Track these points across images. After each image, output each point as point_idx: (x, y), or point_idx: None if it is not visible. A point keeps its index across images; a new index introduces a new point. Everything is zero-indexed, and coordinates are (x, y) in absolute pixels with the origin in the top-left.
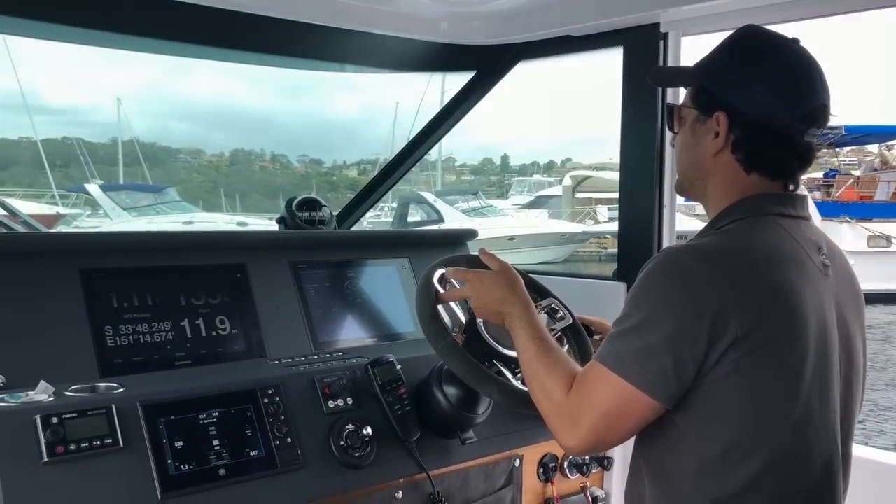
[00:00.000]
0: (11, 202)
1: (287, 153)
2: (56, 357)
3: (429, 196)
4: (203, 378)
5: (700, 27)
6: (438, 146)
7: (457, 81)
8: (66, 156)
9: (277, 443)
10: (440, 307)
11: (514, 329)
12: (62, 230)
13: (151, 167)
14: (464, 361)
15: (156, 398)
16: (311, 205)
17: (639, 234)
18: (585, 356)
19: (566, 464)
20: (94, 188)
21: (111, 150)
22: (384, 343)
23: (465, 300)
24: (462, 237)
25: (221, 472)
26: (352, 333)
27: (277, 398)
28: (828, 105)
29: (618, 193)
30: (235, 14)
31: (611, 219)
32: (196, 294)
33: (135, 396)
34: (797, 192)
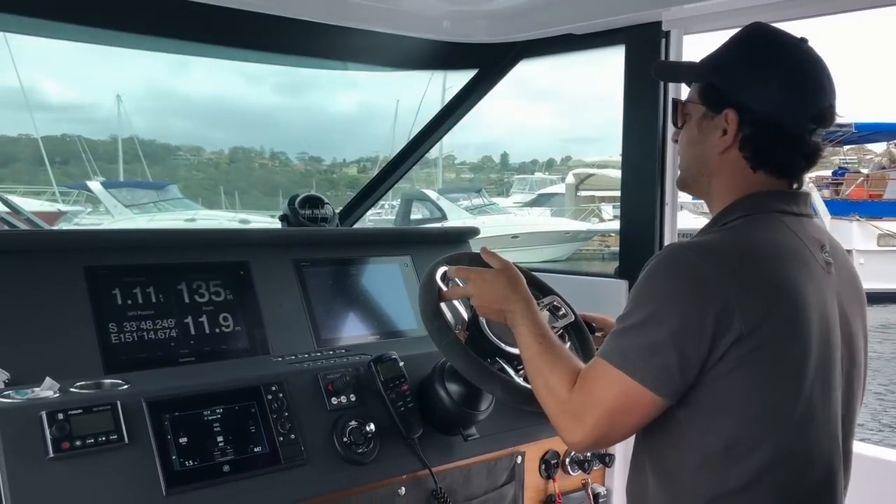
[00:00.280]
0: (13, 199)
1: (286, 151)
2: (61, 354)
3: (431, 194)
4: (207, 375)
5: (702, 25)
6: (439, 144)
7: (458, 79)
8: (66, 153)
9: (281, 439)
10: (443, 305)
11: (517, 326)
12: (67, 227)
13: (151, 165)
14: (466, 358)
15: (160, 395)
16: (314, 202)
17: (640, 232)
18: (588, 353)
19: (568, 460)
20: (96, 185)
21: (110, 148)
22: (387, 340)
23: (467, 298)
24: (464, 235)
25: (225, 469)
26: (354, 331)
27: (281, 395)
28: (834, 105)
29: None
30: (237, 12)
31: (615, 217)
32: (200, 291)
33: (139, 393)
34: (800, 190)
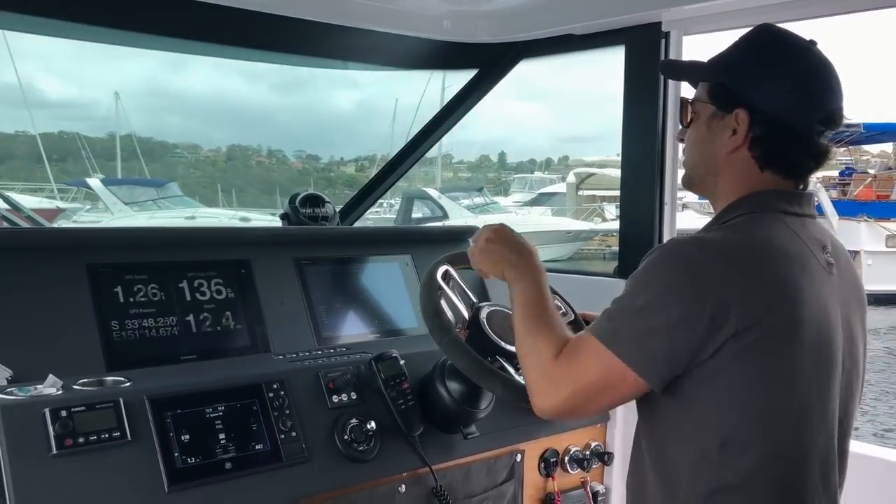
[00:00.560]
0: (13, 196)
1: (284, 149)
2: (63, 351)
3: (433, 192)
4: (208, 372)
5: (702, 26)
6: (438, 143)
7: (457, 78)
8: (63, 150)
9: (282, 437)
10: (443, 303)
11: (520, 281)
12: (67, 224)
13: (148, 162)
14: (467, 357)
15: (162, 392)
16: (315, 201)
17: (640, 232)
18: None
19: (567, 459)
20: (96, 182)
21: (108, 145)
22: (387, 339)
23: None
24: (464, 234)
25: (227, 466)
26: (355, 329)
27: (282, 392)
28: (842, 108)
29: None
30: (238, 11)
31: (618, 216)
32: (201, 289)
33: (142, 390)
34: (805, 191)
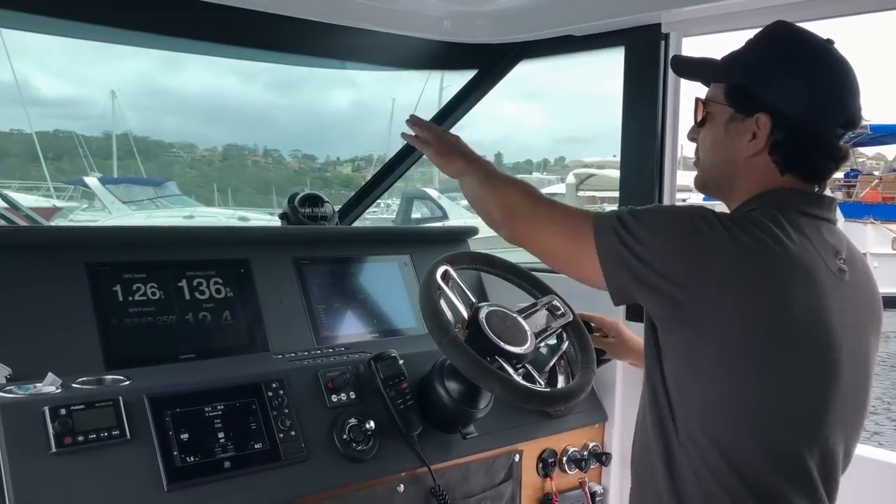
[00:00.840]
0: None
1: (280, 148)
2: (62, 349)
3: (432, 192)
4: (207, 371)
5: (701, 28)
6: None
7: (455, 78)
8: (58, 149)
9: (281, 436)
10: (443, 303)
11: (477, 160)
12: (65, 223)
13: (144, 161)
14: (466, 356)
15: (162, 391)
16: (314, 201)
17: None
18: (586, 352)
19: (565, 459)
20: (94, 181)
21: (104, 144)
22: (386, 338)
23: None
24: (463, 234)
25: (227, 465)
26: (354, 329)
27: (281, 392)
28: (861, 108)
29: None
30: (236, 10)
31: None
32: (200, 288)
33: (141, 389)
34: (825, 194)
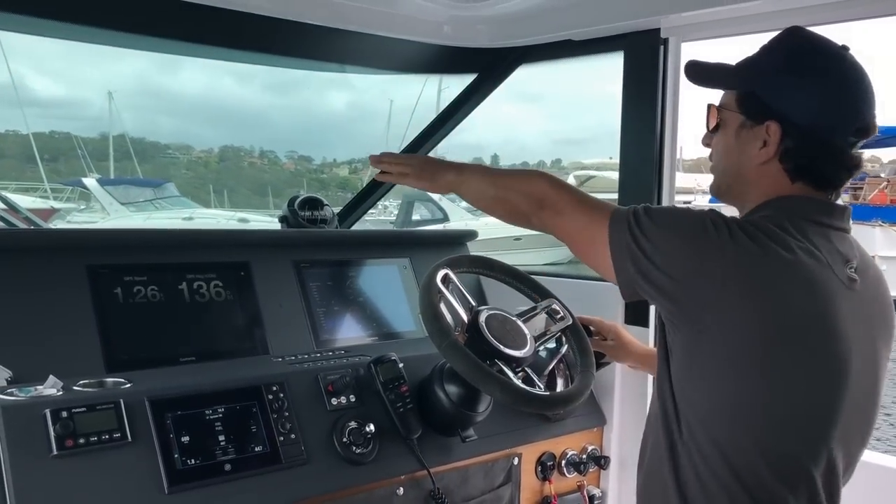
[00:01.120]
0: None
1: (276, 150)
2: (62, 352)
3: (434, 194)
4: (208, 374)
5: (700, 33)
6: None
7: (454, 80)
8: (54, 150)
9: (282, 439)
10: (442, 307)
11: (468, 167)
12: (62, 224)
13: (140, 163)
14: (466, 360)
15: (163, 394)
16: (314, 204)
17: None
18: (585, 356)
19: (563, 463)
20: (92, 182)
21: (100, 145)
22: (385, 342)
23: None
24: (462, 238)
25: (227, 467)
26: (353, 332)
27: (282, 395)
28: (875, 115)
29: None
30: (235, 13)
31: None
32: (201, 291)
33: (142, 392)
34: (837, 203)
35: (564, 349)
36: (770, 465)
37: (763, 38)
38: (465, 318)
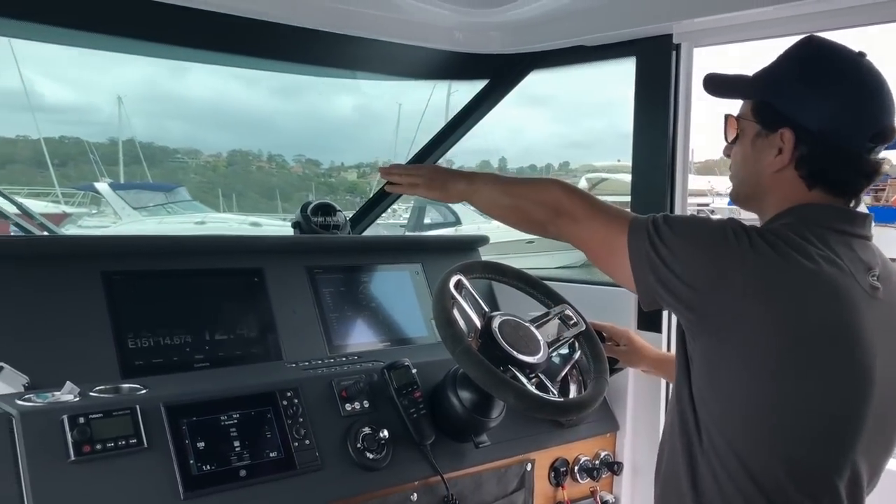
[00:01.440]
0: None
1: (284, 153)
2: (78, 358)
3: None
4: (222, 380)
5: (712, 39)
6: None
7: (463, 84)
8: (64, 155)
9: (296, 444)
10: (456, 313)
11: (479, 176)
12: (82, 232)
13: (149, 167)
14: (480, 366)
15: (178, 399)
16: (326, 210)
17: None
18: (599, 362)
19: (577, 468)
20: (104, 187)
21: (109, 150)
22: (398, 347)
23: (416, 184)
24: (474, 243)
25: (242, 473)
26: (366, 337)
27: (296, 401)
28: (894, 121)
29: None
30: (246, 21)
31: None
32: (214, 297)
33: (158, 398)
34: (858, 210)
35: (577, 355)
36: (792, 475)
37: (775, 44)
38: (478, 324)
